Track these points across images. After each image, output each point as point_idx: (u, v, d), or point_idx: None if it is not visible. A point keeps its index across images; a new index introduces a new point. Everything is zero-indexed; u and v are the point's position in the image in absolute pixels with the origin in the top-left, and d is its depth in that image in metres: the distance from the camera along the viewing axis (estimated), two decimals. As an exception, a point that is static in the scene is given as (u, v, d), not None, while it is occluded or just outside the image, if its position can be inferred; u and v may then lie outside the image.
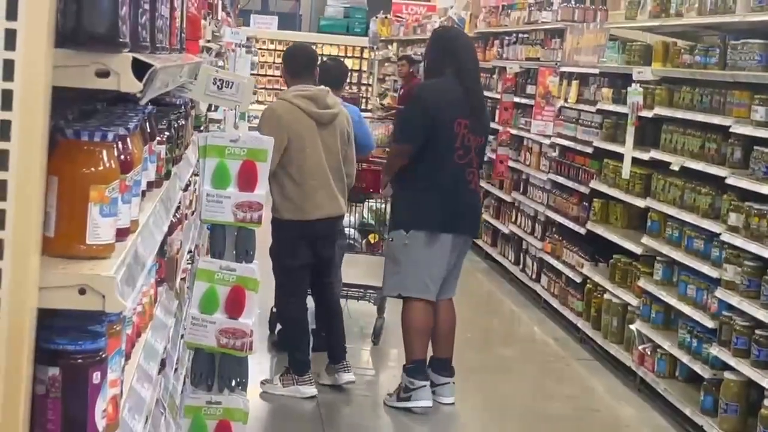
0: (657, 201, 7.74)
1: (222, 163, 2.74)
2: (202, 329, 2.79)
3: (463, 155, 6.85)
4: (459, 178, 6.88)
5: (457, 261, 7.16)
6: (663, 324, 7.58)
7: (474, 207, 7.14)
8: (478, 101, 7.02)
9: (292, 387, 7.06)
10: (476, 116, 6.92)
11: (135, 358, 2.30)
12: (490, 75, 12.84)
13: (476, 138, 6.93)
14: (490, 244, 12.21)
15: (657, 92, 7.89)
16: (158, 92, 2.00)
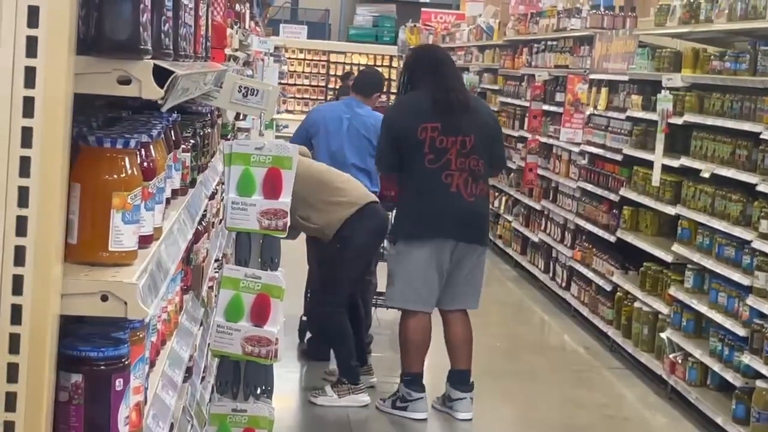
0: (687, 208, 7.68)
1: (247, 170, 2.73)
2: (227, 337, 2.79)
3: (434, 159, 6.66)
4: (435, 182, 6.68)
5: (459, 269, 6.88)
6: (694, 332, 7.52)
7: (460, 209, 6.73)
8: (452, 102, 6.74)
9: (348, 397, 7.09)
10: (451, 116, 6.70)
11: (160, 365, 2.30)
12: (519, 83, 12.83)
13: (454, 138, 6.69)
14: (520, 252, 12.17)
15: (687, 99, 7.84)
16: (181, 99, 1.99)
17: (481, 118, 6.92)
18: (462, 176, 6.70)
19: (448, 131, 6.68)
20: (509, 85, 13.32)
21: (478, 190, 6.79)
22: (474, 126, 6.78)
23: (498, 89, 13.96)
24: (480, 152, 6.77)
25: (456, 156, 6.68)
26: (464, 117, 6.75)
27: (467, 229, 6.80)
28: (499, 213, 13.19)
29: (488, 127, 6.95)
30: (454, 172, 6.68)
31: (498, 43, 14.39)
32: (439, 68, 6.90)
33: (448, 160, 6.67)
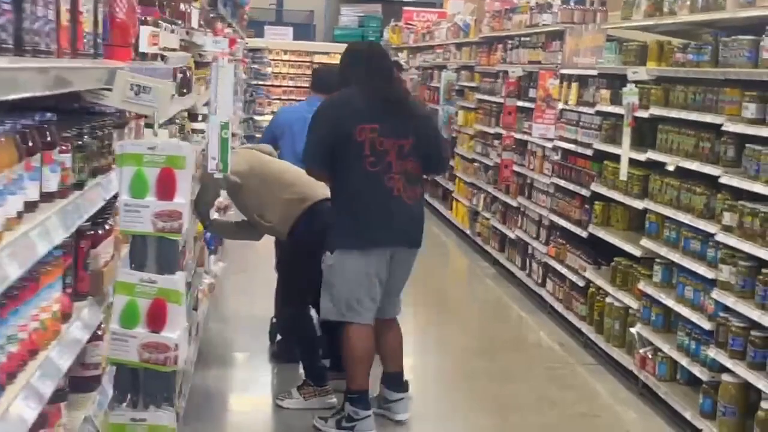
0: (654, 202, 7.63)
1: (140, 171, 2.65)
2: (123, 344, 2.71)
3: (375, 162, 6.36)
4: (376, 186, 6.38)
5: (395, 276, 6.69)
6: (663, 327, 7.47)
7: (402, 214, 6.47)
8: (390, 102, 6.50)
9: (314, 399, 7.02)
10: (389, 117, 6.41)
11: (23, 377, 2.22)
12: (494, 79, 12.78)
13: (395, 141, 6.41)
14: (498, 249, 12.11)
15: (653, 92, 7.78)
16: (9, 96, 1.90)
17: (418, 119, 6.65)
18: (401, 180, 6.43)
19: (386, 133, 6.40)
20: (485, 82, 13.26)
21: (415, 192, 6.55)
22: (411, 128, 6.51)
23: (475, 86, 13.90)
24: (416, 155, 6.49)
25: (396, 158, 6.41)
26: (401, 118, 6.50)
27: (409, 233, 6.61)
28: (477, 210, 13.13)
29: (426, 129, 6.70)
30: (395, 174, 6.40)
31: (474, 40, 14.33)
32: (372, 65, 6.61)
33: (389, 163, 6.40)
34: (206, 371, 7.69)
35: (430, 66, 17.54)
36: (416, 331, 9.68)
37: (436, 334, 9.54)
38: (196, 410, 6.86)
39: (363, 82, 6.54)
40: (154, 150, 2.68)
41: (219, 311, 9.54)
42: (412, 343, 9.31)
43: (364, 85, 6.51)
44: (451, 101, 14.88)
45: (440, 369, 8.60)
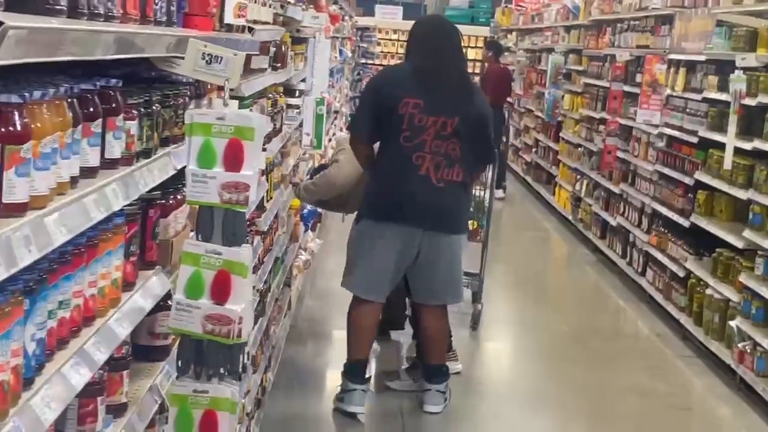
0: (759, 193, 7.42)
1: (208, 141, 2.63)
2: (187, 315, 2.69)
3: (410, 137, 6.16)
4: (404, 161, 6.19)
5: (434, 262, 6.38)
6: (764, 321, 7.27)
7: (425, 194, 6.21)
8: (440, 79, 6.27)
9: None
10: (435, 95, 6.20)
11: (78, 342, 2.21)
12: (601, 63, 12.58)
13: (435, 118, 6.18)
14: (599, 236, 11.95)
15: (761, 79, 7.55)
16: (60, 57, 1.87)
17: (470, 103, 6.36)
18: (434, 160, 6.21)
19: (429, 110, 6.19)
20: (593, 65, 13.06)
21: (450, 175, 6.25)
22: (459, 109, 6.26)
23: (582, 70, 13.71)
24: (460, 138, 6.24)
25: (433, 137, 6.20)
26: (450, 97, 6.28)
27: (431, 215, 6.27)
28: (580, 196, 12.97)
29: (476, 114, 6.36)
30: (426, 153, 6.19)
31: (583, 23, 14.13)
32: (430, 41, 6.42)
33: (423, 141, 6.19)
34: (299, 346, 7.71)
35: (539, 48, 17.36)
36: (510, 314, 9.62)
37: (531, 319, 9.44)
38: (286, 383, 6.88)
39: (418, 58, 6.39)
40: (223, 120, 2.65)
41: (316, 287, 9.55)
42: (505, 326, 9.28)
43: (419, 61, 6.36)
44: (558, 85, 14.71)
45: (532, 353, 8.51)
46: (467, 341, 8.27)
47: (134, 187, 2.40)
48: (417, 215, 6.24)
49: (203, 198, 2.66)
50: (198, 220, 2.71)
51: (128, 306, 2.50)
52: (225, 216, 2.68)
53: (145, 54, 2.39)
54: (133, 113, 2.52)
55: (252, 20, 4.26)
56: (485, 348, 8.50)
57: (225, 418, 2.72)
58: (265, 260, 5.76)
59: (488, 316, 9.21)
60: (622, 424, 6.94)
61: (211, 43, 2.67)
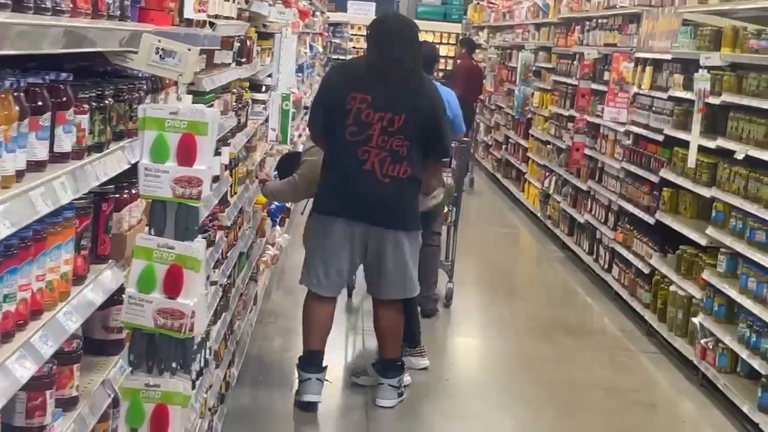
0: (722, 191, 7.48)
1: (161, 135, 2.63)
2: (139, 309, 2.69)
3: (356, 132, 6.15)
4: (350, 156, 6.19)
5: (383, 257, 6.38)
6: (726, 318, 7.33)
7: (370, 189, 6.22)
8: (389, 75, 6.26)
9: (406, 359, 7.04)
10: (383, 91, 6.20)
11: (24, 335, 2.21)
12: (570, 61, 12.62)
13: (382, 114, 6.16)
14: (567, 233, 12.00)
15: (726, 78, 7.61)
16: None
17: (419, 99, 6.30)
18: (380, 155, 6.20)
19: (377, 106, 6.18)
20: (562, 63, 13.11)
21: (396, 171, 6.22)
22: (407, 105, 6.23)
23: (551, 68, 13.76)
24: (408, 134, 6.22)
25: (379, 133, 6.19)
26: (398, 94, 6.25)
27: (377, 211, 6.27)
28: (548, 193, 13.02)
29: (426, 111, 6.29)
30: (372, 149, 6.19)
31: (553, 20, 14.18)
32: (382, 37, 6.43)
33: (369, 136, 6.18)
34: (265, 341, 7.72)
35: (509, 46, 17.41)
36: (478, 311, 9.65)
37: (499, 315, 9.48)
38: (252, 379, 6.90)
39: (371, 54, 6.45)
40: (176, 115, 2.66)
41: (284, 282, 9.55)
42: (473, 323, 9.31)
43: (371, 56, 6.41)
44: (528, 82, 14.76)
45: (500, 349, 8.56)
46: (435, 337, 8.31)
47: (85, 181, 2.40)
48: (362, 210, 6.25)
49: (156, 192, 2.67)
50: (151, 214, 2.71)
51: (78, 300, 2.50)
52: (178, 210, 2.69)
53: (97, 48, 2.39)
54: (84, 107, 2.52)
55: (213, 15, 4.27)
56: (453, 344, 8.54)
57: (176, 411, 2.73)
58: (228, 255, 5.76)
59: (457, 312, 9.27)
60: (587, 420, 6.98)
61: (168, 38, 2.68)
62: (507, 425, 6.81)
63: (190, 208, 2.69)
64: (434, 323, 8.64)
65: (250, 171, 6.68)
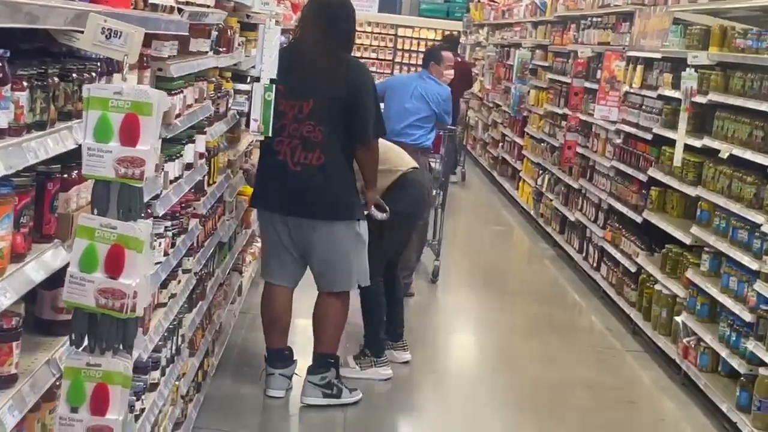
0: (707, 190, 7.48)
1: (104, 115, 2.63)
2: (80, 288, 2.69)
3: (275, 123, 6.03)
4: (268, 148, 6.20)
5: (311, 248, 6.29)
6: (708, 317, 7.34)
7: (283, 179, 6.16)
8: (298, 62, 6.16)
9: (371, 369, 7.01)
10: (294, 79, 6.12)
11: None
12: (565, 59, 12.62)
13: (293, 102, 6.11)
14: (558, 231, 12.00)
15: (712, 77, 7.61)
16: None
17: (331, 83, 6.12)
18: (291, 143, 6.13)
19: (288, 95, 6.11)
20: (557, 61, 13.10)
21: (308, 159, 6.12)
22: (316, 90, 6.11)
23: (547, 66, 13.75)
24: (319, 119, 6.11)
25: (291, 122, 6.13)
26: (307, 80, 6.14)
27: (290, 201, 6.19)
28: (541, 191, 13.01)
29: (337, 93, 6.11)
30: (284, 138, 6.13)
31: (550, 19, 14.17)
32: (302, 20, 6.38)
33: (283, 126, 6.12)
34: (251, 332, 7.70)
35: (507, 44, 17.40)
36: (468, 307, 9.67)
37: (487, 313, 9.48)
38: (235, 368, 6.91)
39: (295, 39, 6.44)
40: (120, 95, 2.66)
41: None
42: (463, 318, 9.33)
43: (292, 41, 6.40)
44: (524, 80, 14.75)
45: (486, 345, 8.58)
46: (422, 332, 8.31)
47: (20, 158, 2.40)
48: (278, 202, 6.23)
49: (98, 172, 2.67)
50: (93, 194, 2.72)
51: (15, 277, 2.51)
52: (121, 190, 2.70)
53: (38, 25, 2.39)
54: (22, 84, 2.53)
55: (184, 1, 4.27)
56: (440, 339, 8.53)
57: (117, 391, 2.73)
58: (205, 244, 5.76)
59: (445, 307, 9.31)
60: (567, 417, 6.99)
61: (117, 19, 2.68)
62: (488, 421, 6.80)
63: (133, 188, 2.69)
64: (421, 318, 8.65)
65: (233, 161, 6.67)
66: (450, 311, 9.33)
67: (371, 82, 6.33)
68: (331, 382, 6.46)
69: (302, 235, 6.27)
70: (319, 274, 6.41)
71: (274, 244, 6.38)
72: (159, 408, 4.48)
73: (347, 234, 6.28)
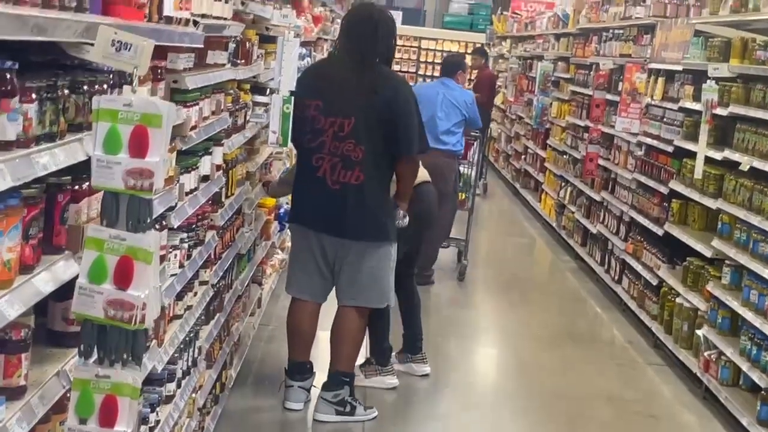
0: (728, 202, 7.44)
1: (114, 127, 2.64)
2: (89, 299, 2.70)
3: (311, 140, 6.03)
4: (307, 164, 6.10)
5: (344, 263, 6.23)
6: (729, 330, 7.30)
7: (322, 197, 6.10)
8: (338, 78, 6.10)
9: (376, 378, 7.00)
10: (333, 95, 6.04)
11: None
12: (587, 71, 12.60)
13: (333, 119, 6.02)
14: (580, 243, 11.96)
15: (734, 90, 7.57)
16: None
17: (373, 98, 6.02)
18: (332, 161, 6.04)
19: (327, 111, 6.04)
20: (579, 73, 13.08)
21: (348, 178, 6.05)
22: (357, 107, 6.01)
23: (569, 78, 13.74)
24: (360, 137, 6.01)
25: (331, 139, 6.03)
26: (349, 97, 6.04)
27: (329, 219, 6.14)
28: (563, 203, 12.98)
29: (380, 109, 6.01)
30: (325, 155, 6.04)
31: (572, 31, 14.16)
32: (343, 34, 6.29)
33: (323, 143, 6.04)
34: (271, 345, 7.71)
35: (530, 56, 17.40)
36: (490, 319, 9.66)
37: (509, 325, 9.47)
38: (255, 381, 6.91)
39: (334, 54, 6.40)
40: (129, 107, 2.67)
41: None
42: (484, 330, 9.32)
43: (331, 55, 6.35)
44: (547, 92, 14.73)
45: (508, 357, 8.57)
46: (444, 344, 8.29)
47: (28, 170, 2.41)
48: (316, 219, 6.18)
49: (108, 183, 2.67)
50: (102, 205, 2.72)
51: (23, 288, 2.51)
52: (130, 202, 2.70)
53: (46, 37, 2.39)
54: (31, 96, 2.54)
55: (200, 14, 4.28)
56: (461, 351, 8.51)
57: (125, 402, 2.74)
58: (223, 256, 5.77)
59: (467, 319, 9.30)
60: (588, 431, 6.95)
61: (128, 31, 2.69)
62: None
63: (142, 200, 2.70)
64: (442, 329, 8.64)
65: (251, 173, 6.68)
66: (471, 323, 9.31)
67: (413, 96, 6.23)
68: (345, 399, 6.42)
69: (336, 253, 6.22)
70: (345, 289, 6.33)
71: (305, 259, 6.32)
72: (174, 420, 4.49)
73: (380, 255, 6.25)
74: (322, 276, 6.33)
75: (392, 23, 6.35)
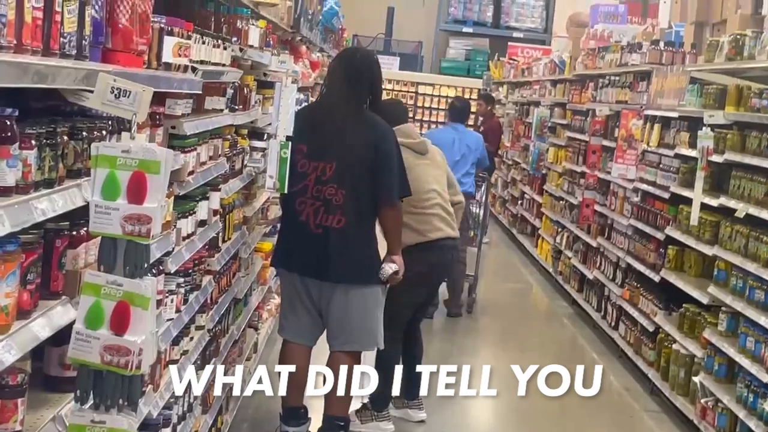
0: (724, 249, 7.45)
1: (112, 173, 2.66)
2: (86, 345, 2.70)
3: (296, 183, 6.04)
4: (291, 208, 6.14)
5: (330, 308, 6.21)
6: (726, 377, 7.27)
7: (304, 241, 6.11)
8: (321, 122, 6.15)
9: (371, 423, 6.98)
10: (317, 139, 6.09)
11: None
12: (583, 118, 12.65)
13: (316, 164, 6.06)
14: (577, 289, 11.96)
15: (729, 137, 7.61)
16: None
17: (353, 143, 6.08)
18: (314, 205, 6.07)
19: (311, 155, 6.08)
20: (576, 119, 13.14)
21: (329, 222, 6.06)
22: (339, 152, 6.06)
23: (566, 124, 13.79)
24: (341, 181, 6.04)
25: (314, 183, 6.07)
26: (330, 141, 6.09)
27: (311, 263, 6.12)
28: (560, 249, 12.99)
29: (360, 154, 6.07)
30: (307, 199, 6.07)
31: (568, 77, 14.23)
32: (328, 78, 6.34)
33: (305, 186, 6.08)
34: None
35: (526, 101, 17.48)
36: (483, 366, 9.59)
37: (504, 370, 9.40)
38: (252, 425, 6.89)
39: (321, 98, 6.45)
40: (128, 153, 2.69)
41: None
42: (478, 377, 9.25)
43: (317, 99, 6.41)
44: (543, 137, 14.79)
45: (501, 404, 8.49)
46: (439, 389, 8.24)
47: (27, 215, 2.43)
48: (299, 263, 6.17)
49: (106, 229, 2.69)
50: (100, 251, 2.73)
51: (20, 333, 2.52)
52: (127, 247, 2.71)
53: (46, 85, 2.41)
54: (31, 143, 2.56)
55: (199, 60, 4.31)
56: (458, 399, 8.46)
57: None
58: (219, 301, 5.77)
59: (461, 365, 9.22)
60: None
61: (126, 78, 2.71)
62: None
63: (139, 245, 2.71)
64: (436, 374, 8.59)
65: (248, 217, 6.70)
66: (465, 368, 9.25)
67: (395, 142, 6.25)
68: None
69: (321, 296, 6.20)
70: (335, 333, 6.29)
71: (293, 302, 6.31)
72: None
73: (366, 297, 6.22)
74: (312, 318, 6.31)
75: (377, 68, 6.37)
